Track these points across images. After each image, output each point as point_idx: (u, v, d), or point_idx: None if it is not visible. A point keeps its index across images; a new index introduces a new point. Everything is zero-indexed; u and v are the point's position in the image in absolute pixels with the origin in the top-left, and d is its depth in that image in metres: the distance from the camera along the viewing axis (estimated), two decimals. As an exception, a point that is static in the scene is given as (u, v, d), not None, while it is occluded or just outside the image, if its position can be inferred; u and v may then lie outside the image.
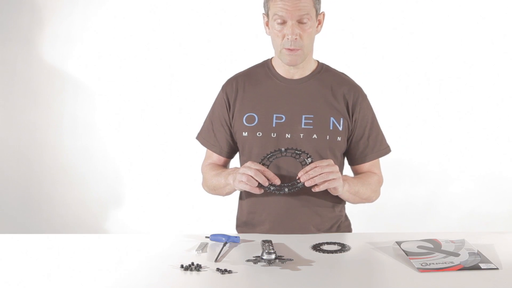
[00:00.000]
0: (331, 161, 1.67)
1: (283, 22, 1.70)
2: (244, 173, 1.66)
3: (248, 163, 1.69)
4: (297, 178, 1.67)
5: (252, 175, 1.65)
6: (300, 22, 1.70)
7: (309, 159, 1.69)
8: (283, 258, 1.50)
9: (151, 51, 3.19)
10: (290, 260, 1.50)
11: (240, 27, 3.12)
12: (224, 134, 1.89)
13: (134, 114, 3.24)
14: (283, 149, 1.71)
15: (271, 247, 1.53)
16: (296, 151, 1.70)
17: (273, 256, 1.49)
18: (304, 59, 1.79)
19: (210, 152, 1.94)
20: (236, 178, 1.69)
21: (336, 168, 1.67)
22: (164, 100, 3.22)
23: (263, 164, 1.70)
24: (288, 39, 1.71)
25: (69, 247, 1.66)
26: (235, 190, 1.83)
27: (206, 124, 1.95)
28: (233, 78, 1.90)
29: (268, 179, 1.65)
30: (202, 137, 1.94)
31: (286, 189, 1.67)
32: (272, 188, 1.66)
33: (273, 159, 1.72)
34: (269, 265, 1.48)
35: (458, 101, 3.18)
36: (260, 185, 1.66)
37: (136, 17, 3.17)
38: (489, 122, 3.20)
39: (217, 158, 1.93)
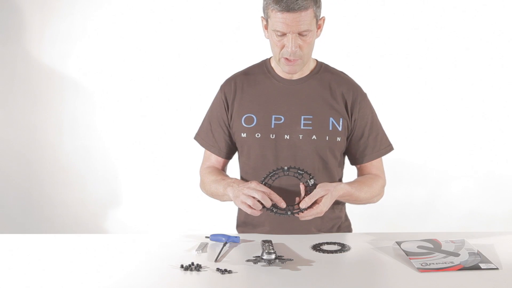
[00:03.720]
0: (321, 210, 1.62)
1: (283, 34, 1.68)
2: (250, 195, 1.60)
3: (254, 185, 1.62)
4: (297, 202, 1.63)
5: (259, 199, 1.59)
6: (300, 34, 1.67)
7: (312, 181, 1.64)
8: (283, 258, 1.50)
9: (150, 51, 3.19)
10: (290, 260, 1.50)
11: (238, 26, 3.11)
12: (222, 134, 1.88)
13: (133, 114, 3.24)
14: (285, 167, 1.67)
15: (271, 247, 1.53)
16: (299, 171, 1.66)
17: (273, 256, 1.49)
18: (303, 66, 1.78)
19: (209, 153, 1.92)
20: (239, 197, 1.62)
21: (322, 211, 1.62)
22: (164, 100, 3.22)
23: (266, 183, 1.65)
24: (288, 50, 1.69)
25: (69, 247, 1.66)
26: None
27: (204, 124, 1.93)
28: (231, 79, 1.89)
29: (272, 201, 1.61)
30: (201, 138, 1.93)
31: (289, 212, 1.61)
32: (274, 210, 1.61)
33: (276, 178, 1.67)
34: (269, 265, 1.48)
35: (458, 101, 3.18)
36: (262, 207, 1.61)
37: (136, 17, 3.17)
38: (489, 122, 3.20)
39: (215, 159, 1.91)
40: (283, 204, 1.60)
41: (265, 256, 1.49)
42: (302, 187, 1.64)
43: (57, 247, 1.66)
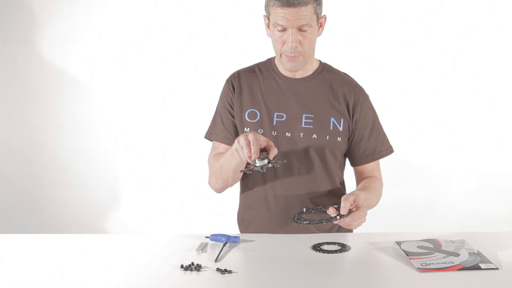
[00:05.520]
0: (364, 213, 1.62)
1: (284, 29, 1.69)
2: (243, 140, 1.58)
3: (250, 136, 1.59)
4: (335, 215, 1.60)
5: (245, 145, 1.56)
6: (300, 29, 1.68)
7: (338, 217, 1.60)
8: (277, 161, 1.53)
9: (151, 51, 3.19)
10: (283, 162, 1.52)
11: (241, 26, 3.11)
12: (233, 123, 1.85)
13: (133, 114, 3.24)
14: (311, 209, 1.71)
15: (265, 154, 1.55)
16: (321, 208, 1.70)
17: (265, 161, 1.52)
18: (305, 64, 1.78)
19: (217, 144, 1.88)
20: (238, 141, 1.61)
21: (364, 219, 1.62)
22: (164, 100, 3.22)
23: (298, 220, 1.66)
24: (288, 46, 1.69)
25: (68, 247, 1.66)
26: (243, 164, 1.72)
27: (217, 121, 1.89)
28: (237, 73, 1.89)
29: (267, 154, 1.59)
30: (216, 135, 1.88)
31: (324, 221, 1.61)
32: (312, 222, 1.62)
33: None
34: (262, 170, 1.52)
35: (458, 101, 3.18)
36: (273, 162, 1.56)
37: (136, 16, 3.17)
38: (489, 122, 3.20)
39: (224, 148, 1.84)
40: (274, 151, 1.59)
41: (258, 164, 1.52)
42: (332, 209, 1.62)
43: (57, 247, 1.66)
